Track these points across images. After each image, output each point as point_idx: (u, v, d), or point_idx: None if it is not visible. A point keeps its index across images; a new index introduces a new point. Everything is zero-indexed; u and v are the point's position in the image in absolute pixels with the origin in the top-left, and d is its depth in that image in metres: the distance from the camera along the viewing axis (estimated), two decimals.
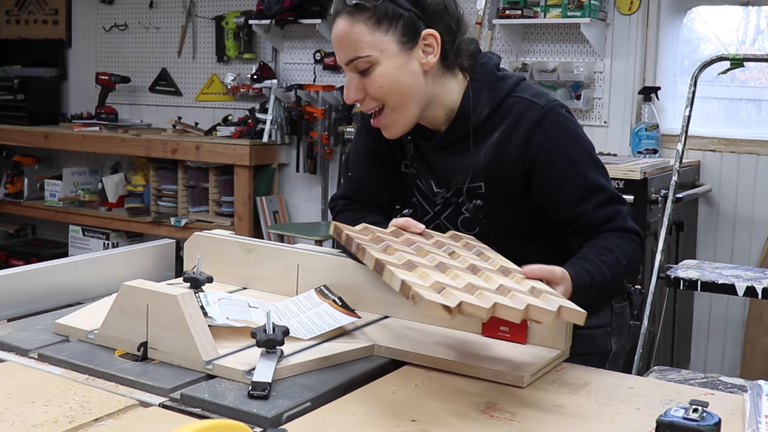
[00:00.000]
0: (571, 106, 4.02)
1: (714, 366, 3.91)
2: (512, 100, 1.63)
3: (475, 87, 1.64)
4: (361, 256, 1.35)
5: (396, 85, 1.57)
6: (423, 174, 1.72)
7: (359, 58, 1.55)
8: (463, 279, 1.28)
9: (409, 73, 1.58)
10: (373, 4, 1.54)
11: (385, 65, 1.56)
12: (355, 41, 1.55)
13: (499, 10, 4.02)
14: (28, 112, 5.42)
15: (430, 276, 1.25)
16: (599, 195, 1.60)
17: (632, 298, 1.78)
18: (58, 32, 5.73)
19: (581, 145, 1.63)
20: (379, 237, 1.43)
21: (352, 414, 1.19)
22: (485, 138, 1.63)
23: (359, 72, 1.57)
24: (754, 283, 2.57)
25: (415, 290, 1.17)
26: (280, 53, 4.89)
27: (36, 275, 1.66)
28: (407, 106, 1.60)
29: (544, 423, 1.18)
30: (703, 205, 3.89)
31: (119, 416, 1.14)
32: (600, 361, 1.64)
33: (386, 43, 1.55)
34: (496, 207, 1.64)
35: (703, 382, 2.20)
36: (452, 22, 1.61)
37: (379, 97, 1.58)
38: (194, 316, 1.31)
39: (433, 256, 1.37)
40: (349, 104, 1.66)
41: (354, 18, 1.54)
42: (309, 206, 4.89)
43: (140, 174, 5.25)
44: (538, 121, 1.59)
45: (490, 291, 1.25)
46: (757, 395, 1.19)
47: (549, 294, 1.29)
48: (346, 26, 1.55)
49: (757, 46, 4.02)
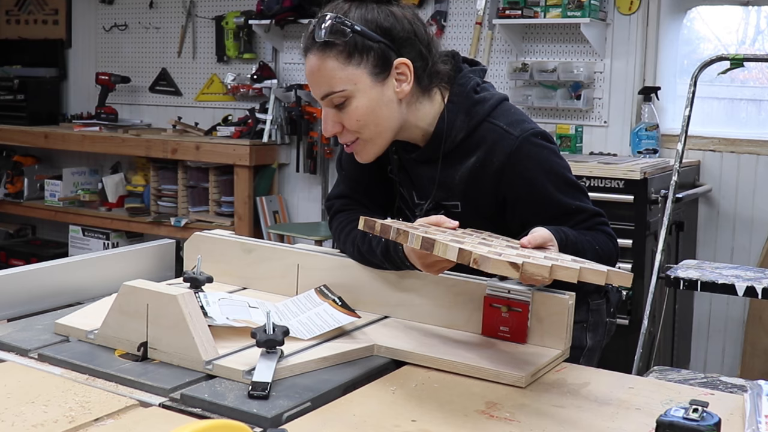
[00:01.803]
0: (571, 106, 4.03)
1: (714, 366, 3.91)
2: (487, 126, 1.63)
3: (452, 109, 1.65)
4: (404, 239, 1.33)
5: (372, 116, 1.58)
6: (405, 184, 1.75)
7: (334, 93, 1.56)
8: (510, 252, 1.29)
9: (384, 104, 1.58)
10: (342, 39, 1.54)
11: (360, 99, 1.56)
12: (328, 77, 1.56)
13: (499, 10, 4.02)
14: (28, 112, 5.42)
15: (479, 247, 1.27)
16: (579, 216, 1.62)
17: (609, 295, 1.80)
18: (58, 32, 5.73)
19: (556, 172, 1.63)
20: (410, 226, 1.43)
21: (352, 414, 1.19)
22: (462, 160, 1.65)
23: (335, 106, 1.58)
24: (754, 283, 2.57)
25: (478, 253, 1.18)
26: (280, 53, 4.89)
27: (36, 275, 1.66)
28: (382, 135, 1.62)
29: (544, 423, 1.18)
30: (703, 205, 3.89)
31: (119, 416, 1.14)
32: (575, 356, 1.65)
33: (359, 76, 1.55)
34: (474, 224, 1.65)
35: (703, 382, 2.20)
36: (422, 47, 1.61)
37: (356, 129, 1.59)
38: (194, 316, 1.31)
39: (471, 238, 1.39)
40: (328, 137, 1.66)
41: (324, 54, 1.55)
42: (309, 206, 4.89)
43: (140, 174, 5.25)
44: (511, 152, 1.60)
45: (539, 259, 1.26)
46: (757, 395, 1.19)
47: (590, 264, 1.30)
48: (317, 62, 1.56)
49: (757, 46, 4.02)
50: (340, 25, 1.53)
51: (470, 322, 1.52)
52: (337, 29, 1.53)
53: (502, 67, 4.22)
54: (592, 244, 1.57)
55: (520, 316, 1.46)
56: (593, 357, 1.75)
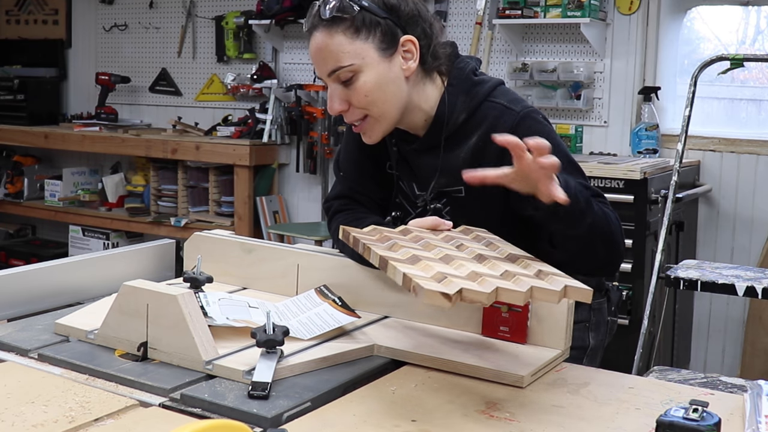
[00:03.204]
0: (571, 106, 4.03)
1: (714, 366, 3.91)
2: (488, 105, 1.65)
3: (452, 92, 1.66)
4: (367, 255, 1.36)
5: (380, 92, 1.58)
6: (405, 176, 1.75)
7: (342, 68, 1.56)
8: (466, 268, 1.27)
9: (391, 81, 1.59)
10: (350, 14, 1.55)
11: (368, 74, 1.57)
12: (335, 52, 1.56)
13: (499, 10, 4.02)
14: (28, 112, 5.42)
15: (433, 267, 1.25)
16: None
17: (610, 294, 1.81)
18: (58, 32, 5.73)
19: (557, 147, 1.62)
20: (386, 236, 1.44)
21: (352, 414, 1.19)
22: (463, 142, 1.65)
23: (342, 83, 1.58)
24: (754, 283, 2.57)
25: (416, 281, 1.17)
26: (280, 53, 4.89)
27: (36, 275, 1.66)
28: (389, 113, 1.62)
29: (544, 423, 1.18)
30: (703, 205, 3.89)
31: (119, 416, 1.14)
32: (578, 356, 1.66)
33: (367, 50, 1.56)
34: (477, 211, 1.65)
35: (703, 382, 2.20)
36: (426, 26, 1.63)
37: (364, 105, 1.59)
38: (194, 316, 1.31)
39: (440, 250, 1.38)
40: (334, 116, 1.66)
41: (332, 30, 1.55)
42: (309, 206, 4.89)
43: (140, 174, 5.25)
44: (513, 126, 1.60)
45: (494, 277, 1.24)
46: (757, 395, 1.19)
47: (555, 275, 1.28)
48: (325, 38, 1.56)
49: (757, 46, 4.02)
50: (347, 0, 1.55)
51: (470, 322, 1.52)
52: (344, 5, 1.54)
53: (502, 67, 4.22)
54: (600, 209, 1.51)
55: (520, 316, 1.46)
56: (596, 356, 1.75)
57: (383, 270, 1.29)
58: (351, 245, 1.43)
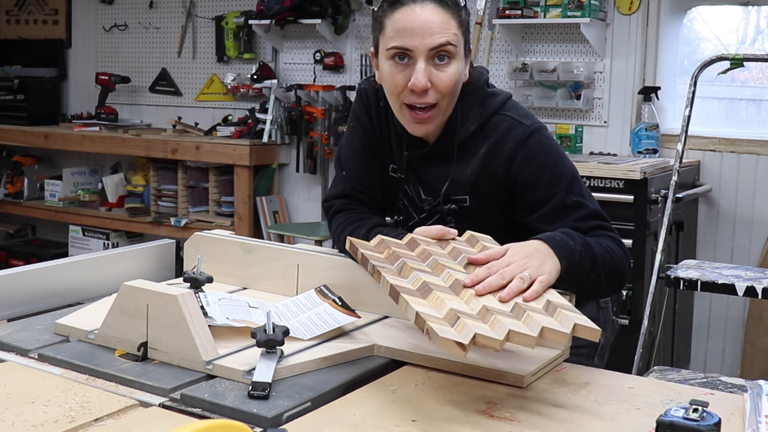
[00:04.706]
0: (571, 106, 4.03)
1: (714, 366, 3.91)
2: (499, 117, 1.67)
3: (466, 102, 1.68)
4: (377, 279, 1.38)
5: (455, 87, 1.62)
6: (412, 180, 1.76)
7: (449, 44, 1.58)
8: (478, 302, 1.29)
9: (460, 81, 1.64)
10: (460, 4, 1.61)
11: (457, 64, 1.61)
12: (447, 28, 1.58)
13: (499, 10, 4.02)
14: (28, 112, 5.42)
15: (444, 303, 1.27)
16: (580, 210, 1.62)
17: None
18: (58, 32, 5.74)
19: (565, 164, 1.66)
20: (395, 253, 1.44)
21: (352, 414, 1.19)
22: (472, 153, 1.67)
23: (435, 62, 1.58)
24: (754, 283, 2.57)
25: (430, 325, 1.18)
26: (280, 53, 4.89)
27: (36, 275, 1.66)
28: (449, 110, 1.65)
29: (544, 423, 1.18)
30: (703, 205, 3.89)
31: (119, 416, 1.14)
32: (590, 354, 1.68)
33: (461, 44, 1.61)
34: (480, 219, 1.67)
35: (703, 382, 2.20)
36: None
37: (443, 92, 1.60)
38: (194, 316, 1.31)
39: (448, 272, 1.38)
40: (417, 91, 1.57)
41: (444, 8, 1.58)
42: (309, 206, 4.89)
43: (140, 174, 5.25)
44: (523, 139, 1.63)
45: (504, 314, 1.26)
46: (757, 395, 1.19)
47: (564, 309, 1.29)
48: (437, 12, 1.57)
49: (757, 46, 4.02)
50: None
51: None
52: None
53: (502, 67, 4.22)
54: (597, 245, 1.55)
55: None
56: (605, 355, 1.78)
57: (393, 300, 1.30)
58: (359, 262, 1.44)
